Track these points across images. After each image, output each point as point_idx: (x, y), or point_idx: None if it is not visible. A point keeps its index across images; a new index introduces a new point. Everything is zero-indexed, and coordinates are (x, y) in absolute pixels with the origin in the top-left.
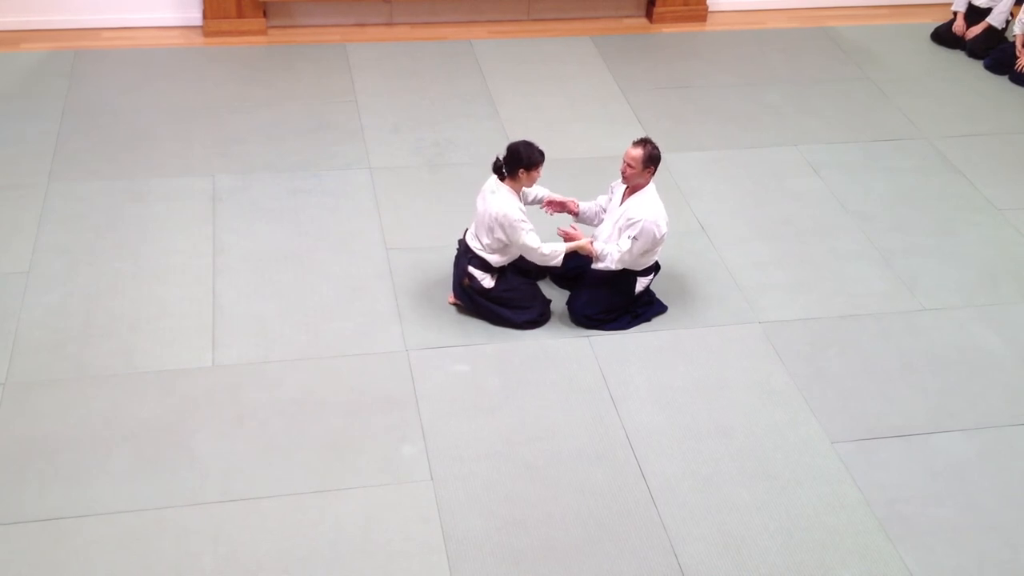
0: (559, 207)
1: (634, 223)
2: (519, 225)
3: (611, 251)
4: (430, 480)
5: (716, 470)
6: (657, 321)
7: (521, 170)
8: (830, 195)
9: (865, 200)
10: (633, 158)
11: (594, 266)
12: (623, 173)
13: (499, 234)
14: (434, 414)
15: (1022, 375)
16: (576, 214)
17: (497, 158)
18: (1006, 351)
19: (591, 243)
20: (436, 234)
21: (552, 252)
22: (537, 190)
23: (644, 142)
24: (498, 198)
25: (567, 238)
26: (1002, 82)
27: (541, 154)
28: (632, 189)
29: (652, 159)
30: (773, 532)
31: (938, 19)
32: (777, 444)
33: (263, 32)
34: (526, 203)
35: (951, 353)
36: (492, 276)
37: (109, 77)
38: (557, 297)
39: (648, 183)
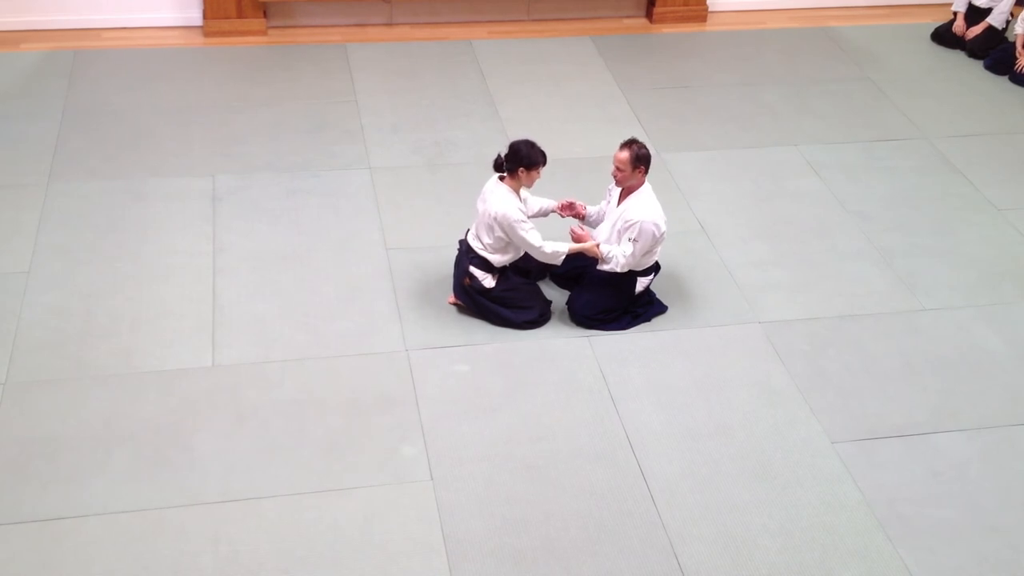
0: (568, 208)
1: (632, 224)
2: (518, 224)
3: (616, 254)
4: (430, 480)
5: (716, 470)
6: (657, 321)
7: (521, 169)
8: (830, 195)
9: (865, 200)
10: (621, 160)
11: (599, 267)
12: (614, 177)
13: (499, 233)
14: (434, 414)
15: (1022, 375)
16: (583, 217)
17: (499, 155)
18: (1006, 351)
19: (597, 245)
20: (436, 234)
21: (554, 252)
22: (541, 202)
23: (630, 144)
24: (497, 197)
25: (576, 239)
26: (1002, 82)
27: (542, 155)
28: (628, 190)
29: (640, 159)
30: (773, 532)
31: (938, 19)
32: (777, 444)
33: (263, 32)
34: (532, 216)
35: (951, 353)
36: (493, 276)
37: (109, 77)
38: (557, 297)
39: (643, 183)
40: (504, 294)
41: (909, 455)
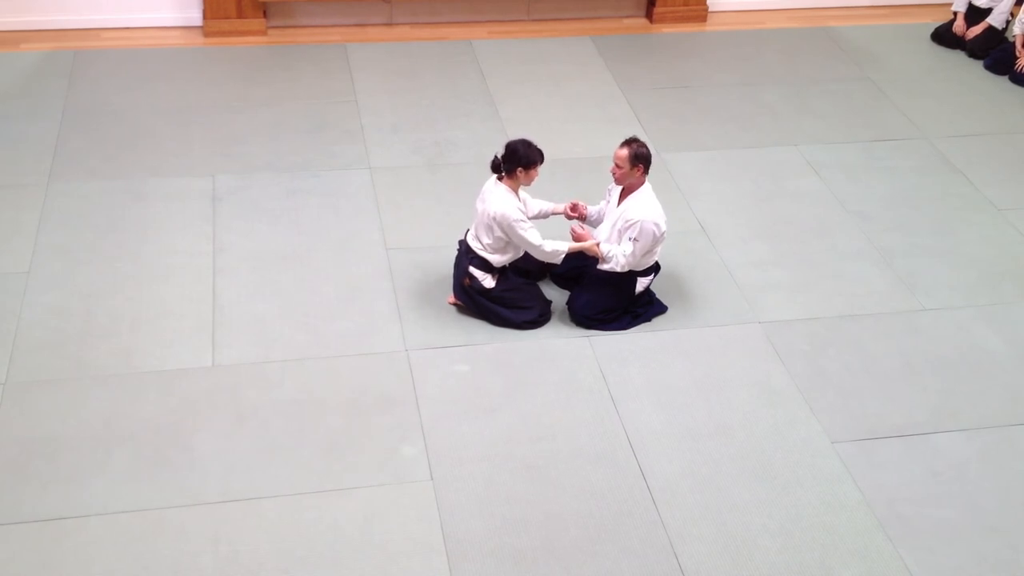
0: (572, 209)
1: (632, 224)
2: (517, 224)
3: (616, 254)
4: (430, 480)
5: (716, 470)
6: (657, 321)
7: (519, 169)
8: (830, 195)
9: (865, 200)
10: (620, 157)
11: (600, 267)
12: (613, 174)
13: (499, 233)
14: (434, 414)
15: (1022, 375)
16: (584, 216)
17: (496, 156)
18: (1006, 351)
19: (597, 245)
20: (436, 234)
21: (554, 250)
22: (541, 204)
23: (629, 142)
24: (496, 197)
25: (576, 238)
26: (1002, 82)
27: (540, 154)
28: (627, 190)
29: (638, 158)
30: (773, 532)
31: (938, 19)
32: (777, 444)
33: (263, 32)
34: (531, 217)
35: (951, 353)
36: (493, 276)
37: (109, 77)
38: (557, 297)
39: (643, 183)
40: (504, 294)
41: (909, 455)
